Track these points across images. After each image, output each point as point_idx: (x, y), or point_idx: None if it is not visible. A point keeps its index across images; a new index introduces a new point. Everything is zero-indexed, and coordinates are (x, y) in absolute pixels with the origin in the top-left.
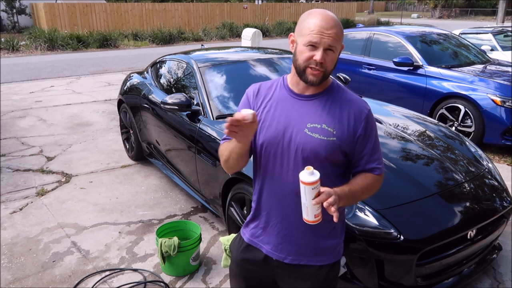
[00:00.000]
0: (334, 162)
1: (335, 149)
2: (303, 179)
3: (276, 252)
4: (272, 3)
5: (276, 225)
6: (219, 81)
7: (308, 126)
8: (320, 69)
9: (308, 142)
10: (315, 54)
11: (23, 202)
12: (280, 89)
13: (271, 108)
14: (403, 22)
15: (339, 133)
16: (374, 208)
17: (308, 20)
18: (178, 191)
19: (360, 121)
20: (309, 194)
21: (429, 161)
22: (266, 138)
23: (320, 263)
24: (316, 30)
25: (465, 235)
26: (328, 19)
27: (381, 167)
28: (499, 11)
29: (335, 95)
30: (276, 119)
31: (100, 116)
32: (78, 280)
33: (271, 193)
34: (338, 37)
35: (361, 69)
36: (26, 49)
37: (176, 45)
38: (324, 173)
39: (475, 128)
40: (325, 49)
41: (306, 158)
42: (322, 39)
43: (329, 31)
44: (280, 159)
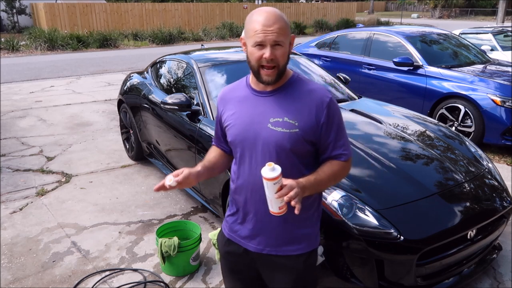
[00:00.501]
0: (300, 153)
1: (299, 140)
2: (264, 175)
3: (253, 245)
4: (272, 3)
5: (252, 218)
6: (219, 81)
7: (271, 121)
8: (273, 65)
9: (272, 136)
10: (264, 53)
11: (23, 202)
12: (243, 88)
13: (237, 108)
14: (403, 22)
15: (301, 124)
16: (374, 208)
17: (251, 21)
18: (178, 191)
19: (321, 109)
20: (271, 189)
21: (429, 161)
22: (233, 137)
23: (297, 252)
24: (260, 29)
25: (465, 235)
26: (269, 16)
27: (347, 153)
28: (499, 11)
29: (296, 87)
30: (241, 118)
31: (100, 116)
32: (78, 280)
33: (245, 188)
34: (282, 31)
35: (361, 69)
36: (26, 49)
37: (176, 45)
38: (292, 164)
39: (475, 128)
40: (272, 45)
41: (273, 152)
42: (267, 36)
43: (272, 27)
44: (249, 155)
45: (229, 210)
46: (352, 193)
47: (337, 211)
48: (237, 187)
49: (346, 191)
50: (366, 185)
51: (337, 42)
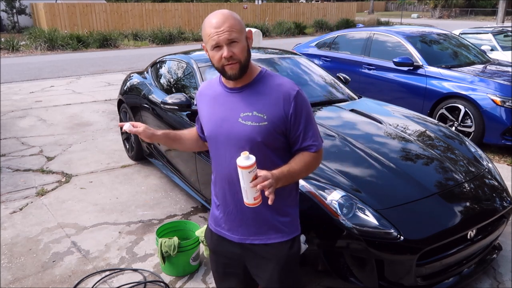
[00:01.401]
0: (272, 145)
1: (269, 133)
2: (239, 164)
3: (236, 236)
4: (272, 3)
5: (232, 210)
6: None
7: (241, 116)
8: (234, 62)
9: (243, 130)
10: (222, 53)
11: (23, 202)
12: (217, 85)
13: (210, 104)
14: (403, 22)
15: (270, 117)
16: (374, 208)
17: (204, 28)
18: (178, 191)
19: (289, 102)
20: (246, 178)
21: (429, 161)
22: (209, 132)
23: (279, 240)
24: (212, 32)
25: (465, 235)
26: (218, 17)
27: (317, 144)
28: (499, 11)
29: (264, 82)
30: (215, 114)
31: (100, 116)
32: (78, 280)
33: (223, 182)
34: (234, 28)
35: (361, 69)
36: (26, 49)
37: (176, 45)
38: (264, 157)
39: (475, 128)
40: (227, 44)
41: (245, 146)
42: (219, 37)
43: (222, 27)
44: (224, 149)
45: (212, 204)
46: (352, 193)
47: (337, 211)
48: (216, 181)
49: (346, 191)
50: (366, 185)
51: (337, 42)
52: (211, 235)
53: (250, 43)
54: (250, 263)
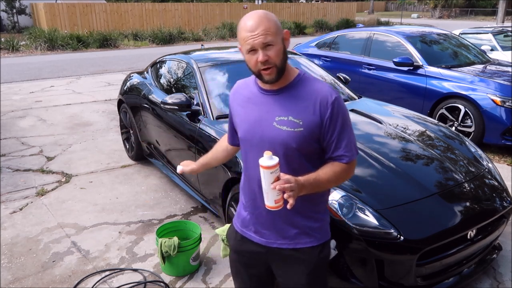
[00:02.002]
0: (306, 152)
1: (304, 139)
2: (262, 163)
3: (263, 239)
4: (272, 3)
5: (261, 213)
6: (219, 81)
7: (276, 120)
8: (269, 66)
9: (277, 135)
10: (258, 57)
11: (23, 202)
12: (252, 86)
13: (244, 105)
14: (403, 22)
15: (306, 123)
16: (374, 208)
17: (239, 31)
18: (178, 191)
19: (326, 108)
20: (268, 179)
21: (429, 161)
22: (242, 133)
23: (309, 245)
24: (247, 36)
25: (465, 235)
26: (253, 20)
27: (349, 155)
28: (499, 11)
29: (302, 86)
30: (249, 114)
31: (100, 116)
32: (78, 280)
33: (253, 184)
34: (269, 31)
35: (361, 69)
36: (26, 49)
37: (176, 45)
38: (299, 163)
39: (475, 128)
40: (262, 48)
41: (279, 151)
42: (255, 41)
43: (256, 31)
44: (256, 152)
45: (240, 205)
46: (352, 193)
47: (337, 211)
48: (246, 183)
49: (346, 191)
50: (366, 185)
51: (337, 42)
52: (236, 235)
53: (287, 44)
54: (276, 265)
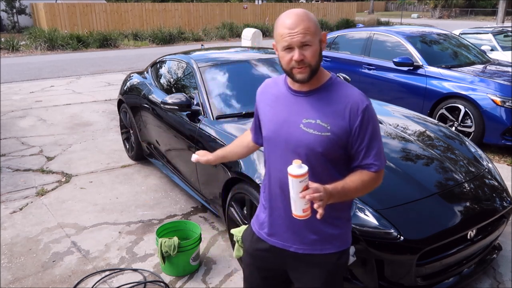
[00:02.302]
0: (332, 157)
1: (331, 144)
2: (291, 172)
3: (281, 242)
4: (272, 3)
5: (281, 215)
6: (219, 81)
7: (303, 122)
8: (304, 66)
9: (303, 138)
10: (293, 55)
11: (23, 202)
12: (281, 85)
13: (272, 104)
14: (403, 22)
15: (334, 128)
16: (374, 208)
17: (278, 25)
18: (178, 191)
19: (356, 114)
20: (296, 187)
21: (429, 161)
22: (267, 133)
23: (328, 251)
24: (286, 33)
25: (465, 235)
26: (293, 17)
27: (378, 163)
28: (499, 11)
29: (333, 90)
30: (276, 114)
31: (100, 116)
32: (78, 280)
33: (274, 186)
34: (308, 31)
35: (361, 69)
36: (26, 49)
37: (176, 45)
38: (323, 168)
39: (475, 128)
40: (300, 46)
41: (303, 154)
42: (293, 39)
43: (296, 29)
44: (280, 153)
45: (260, 208)
46: None
47: None
48: (267, 184)
49: None
50: None
51: (337, 42)
52: (252, 236)
53: (323, 46)
54: (292, 269)
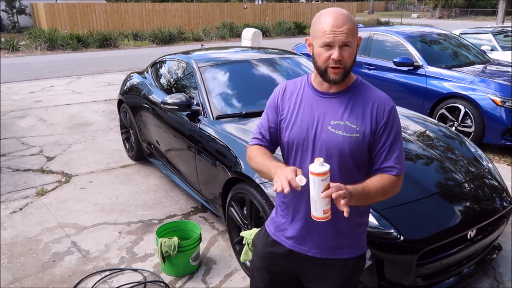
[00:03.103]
0: (358, 158)
1: (359, 146)
2: (312, 170)
3: (299, 246)
4: (272, 3)
5: (301, 219)
6: (219, 81)
7: (331, 123)
8: (340, 66)
9: (332, 139)
10: (332, 54)
11: (23, 202)
12: (305, 87)
13: (296, 107)
14: (403, 22)
15: (362, 129)
16: (374, 208)
17: (320, 21)
18: (178, 191)
19: (382, 116)
20: (318, 186)
21: (429, 161)
22: (292, 135)
23: (346, 256)
24: (329, 30)
25: (465, 235)
26: (339, 16)
27: (399, 167)
28: (499, 11)
29: (359, 92)
30: (301, 116)
31: (100, 116)
32: (78, 280)
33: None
34: (351, 32)
35: (361, 69)
36: (26, 49)
37: (176, 45)
38: (348, 169)
39: (475, 128)
40: (340, 46)
41: (331, 155)
42: (336, 37)
43: (341, 28)
44: (305, 155)
45: (277, 211)
46: None
47: None
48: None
49: None
50: None
51: None
52: (267, 239)
53: (357, 50)
54: (306, 273)
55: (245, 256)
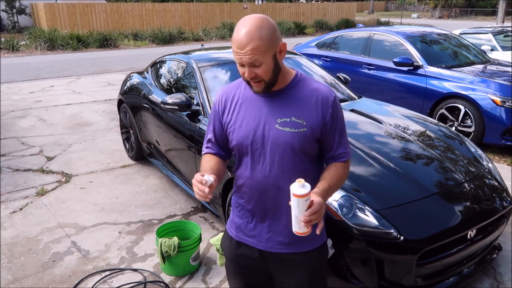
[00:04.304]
0: (308, 151)
1: (308, 139)
2: (295, 192)
3: (262, 243)
4: (272, 3)
5: (261, 218)
6: (219, 81)
7: (278, 121)
8: (258, 81)
9: (280, 136)
10: (245, 71)
11: (23, 202)
12: (246, 88)
13: (238, 109)
14: (403, 22)
15: (309, 123)
16: (374, 208)
17: (232, 38)
18: (178, 191)
19: (327, 108)
20: (302, 206)
21: (429, 161)
22: (239, 138)
23: (309, 248)
24: (235, 51)
25: (465, 235)
26: (243, 35)
27: (348, 151)
28: (499, 11)
29: (300, 86)
30: (246, 118)
31: (100, 116)
32: (78, 280)
33: (254, 190)
34: (257, 50)
35: (361, 69)
36: (26, 49)
37: (176, 45)
38: (300, 163)
39: (475, 128)
40: (250, 66)
41: (282, 152)
42: (242, 59)
43: (244, 49)
44: (256, 156)
45: (234, 212)
46: (352, 193)
47: (337, 211)
48: (245, 190)
49: (346, 191)
50: (366, 185)
51: (337, 42)
52: (231, 242)
53: (281, 56)
54: (276, 270)
55: (220, 260)
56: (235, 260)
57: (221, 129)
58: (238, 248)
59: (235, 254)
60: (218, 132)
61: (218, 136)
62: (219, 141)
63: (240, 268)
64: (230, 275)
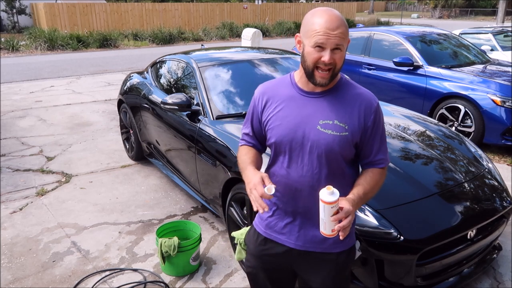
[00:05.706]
0: (346, 155)
1: (348, 144)
2: (323, 199)
3: (292, 241)
4: (272, 3)
5: (294, 216)
6: (219, 81)
7: (320, 123)
8: (329, 69)
9: (321, 138)
10: (323, 55)
11: (23, 202)
12: (288, 87)
13: (280, 107)
14: (403, 22)
15: (351, 127)
16: (374, 208)
17: (313, 21)
18: (178, 191)
19: (369, 113)
20: (328, 212)
21: (429, 161)
22: (278, 136)
23: (337, 250)
24: (322, 31)
25: (465, 235)
26: (333, 18)
27: (387, 158)
28: (499, 11)
29: (345, 90)
30: (286, 118)
31: (100, 116)
32: (78, 280)
33: (286, 187)
34: (344, 35)
35: (361, 69)
36: (26, 49)
37: (176, 45)
38: (337, 166)
39: (475, 128)
40: (332, 49)
41: (321, 154)
42: (329, 39)
43: (335, 31)
44: (295, 155)
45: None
46: None
47: None
48: (278, 188)
49: None
50: None
51: None
52: (258, 238)
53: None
54: (300, 267)
55: (239, 255)
56: (259, 256)
57: (259, 125)
58: (264, 245)
59: (261, 250)
60: (256, 128)
61: (256, 132)
62: (257, 136)
63: (264, 265)
64: (252, 269)
